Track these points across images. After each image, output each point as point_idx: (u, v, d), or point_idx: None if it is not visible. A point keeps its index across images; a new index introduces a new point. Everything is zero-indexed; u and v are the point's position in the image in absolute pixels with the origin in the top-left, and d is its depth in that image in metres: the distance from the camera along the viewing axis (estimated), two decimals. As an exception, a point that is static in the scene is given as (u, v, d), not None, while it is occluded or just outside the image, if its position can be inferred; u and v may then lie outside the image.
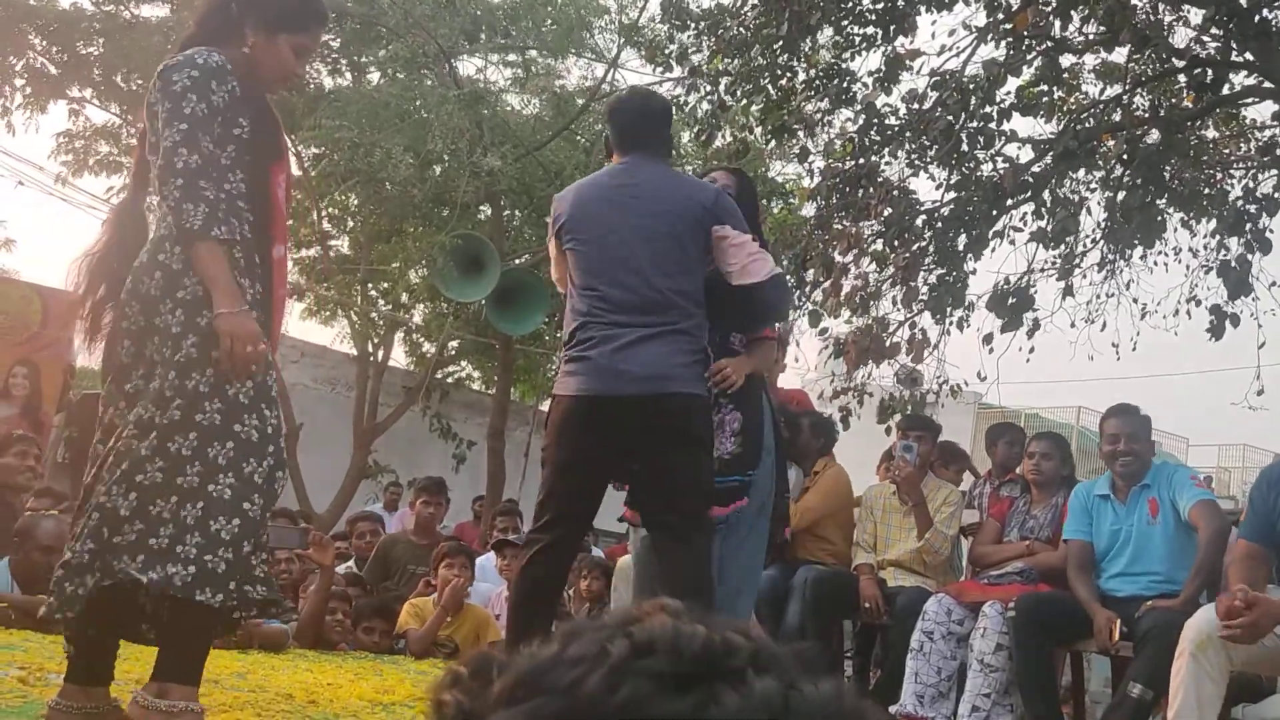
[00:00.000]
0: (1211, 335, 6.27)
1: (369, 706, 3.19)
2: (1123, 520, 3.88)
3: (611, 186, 3.08)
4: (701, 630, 0.57)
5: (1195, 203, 6.67)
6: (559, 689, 0.55)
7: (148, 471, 2.27)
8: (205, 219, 2.30)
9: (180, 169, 2.31)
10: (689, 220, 2.99)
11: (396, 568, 5.61)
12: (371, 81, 9.88)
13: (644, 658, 0.55)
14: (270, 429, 2.38)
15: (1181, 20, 6.39)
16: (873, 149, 6.34)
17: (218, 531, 2.26)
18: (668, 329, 2.94)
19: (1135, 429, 3.94)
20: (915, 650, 4.00)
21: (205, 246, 2.31)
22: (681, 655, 0.55)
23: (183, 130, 2.33)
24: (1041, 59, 6.16)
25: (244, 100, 2.42)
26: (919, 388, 6.88)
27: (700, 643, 0.56)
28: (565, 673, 0.56)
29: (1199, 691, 2.98)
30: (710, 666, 0.55)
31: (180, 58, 2.42)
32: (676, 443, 2.94)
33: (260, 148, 2.45)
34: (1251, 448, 17.07)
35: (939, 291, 6.61)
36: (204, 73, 2.37)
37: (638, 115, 3.16)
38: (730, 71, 6.40)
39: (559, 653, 0.57)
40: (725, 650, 0.56)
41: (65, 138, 9.83)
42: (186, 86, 2.35)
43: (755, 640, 0.58)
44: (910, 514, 4.52)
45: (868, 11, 6.28)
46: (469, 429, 11.92)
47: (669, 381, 2.90)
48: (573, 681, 0.55)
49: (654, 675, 0.55)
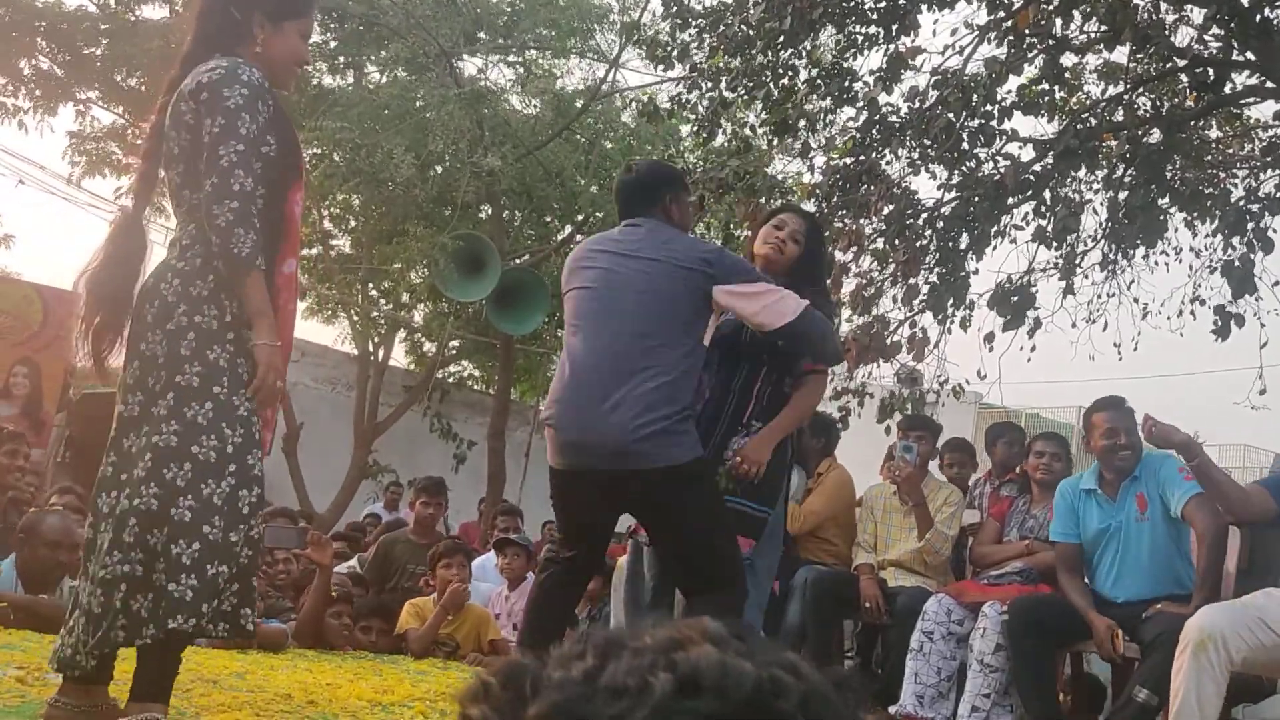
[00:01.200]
0: (1217, 336, 6.26)
1: (368, 706, 3.18)
2: (1111, 516, 3.83)
3: (612, 240, 3.15)
4: (749, 668, 0.54)
5: (1198, 202, 6.66)
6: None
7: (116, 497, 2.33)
8: (254, 247, 2.30)
9: (236, 191, 2.29)
10: (682, 275, 2.97)
11: (396, 567, 5.61)
12: (373, 82, 9.88)
13: (690, 697, 0.52)
14: (231, 448, 2.34)
15: (1184, 20, 6.37)
16: (874, 146, 6.32)
17: (178, 556, 2.26)
18: (639, 385, 2.86)
19: (1130, 422, 3.87)
20: (915, 650, 3.99)
21: (253, 277, 2.32)
22: (729, 697, 0.52)
23: (239, 151, 2.31)
24: (1043, 58, 6.15)
25: (274, 118, 2.41)
26: (919, 387, 6.88)
27: (750, 683, 0.53)
28: (606, 707, 0.53)
29: (1199, 691, 2.98)
30: (760, 711, 0.52)
31: (222, 70, 2.37)
32: (662, 514, 2.95)
33: (283, 167, 2.44)
34: (1252, 448, 17.05)
35: (939, 290, 6.60)
36: (253, 91, 2.35)
37: (637, 186, 3.19)
38: (731, 69, 6.39)
39: (596, 677, 0.54)
40: (775, 691, 0.53)
41: (77, 139, 9.84)
42: (240, 105, 2.33)
43: (805, 678, 0.55)
44: (911, 514, 4.51)
45: (870, 10, 6.27)
46: (469, 429, 11.91)
47: (629, 459, 2.84)
48: (615, 717, 0.52)
49: (702, 717, 0.52)
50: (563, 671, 0.56)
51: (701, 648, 0.55)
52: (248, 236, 2.29)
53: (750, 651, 0.56)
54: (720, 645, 0.55)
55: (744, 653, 0.56)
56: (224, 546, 2.31)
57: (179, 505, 2.27)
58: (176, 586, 2.25)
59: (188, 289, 2.35)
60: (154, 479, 2.28)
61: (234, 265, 2.31)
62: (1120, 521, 3.81)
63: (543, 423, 3.08)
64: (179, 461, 2.29)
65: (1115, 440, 3.83)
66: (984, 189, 6.17)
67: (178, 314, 2.34)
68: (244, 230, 2.28)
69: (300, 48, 2.50)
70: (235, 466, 2.34)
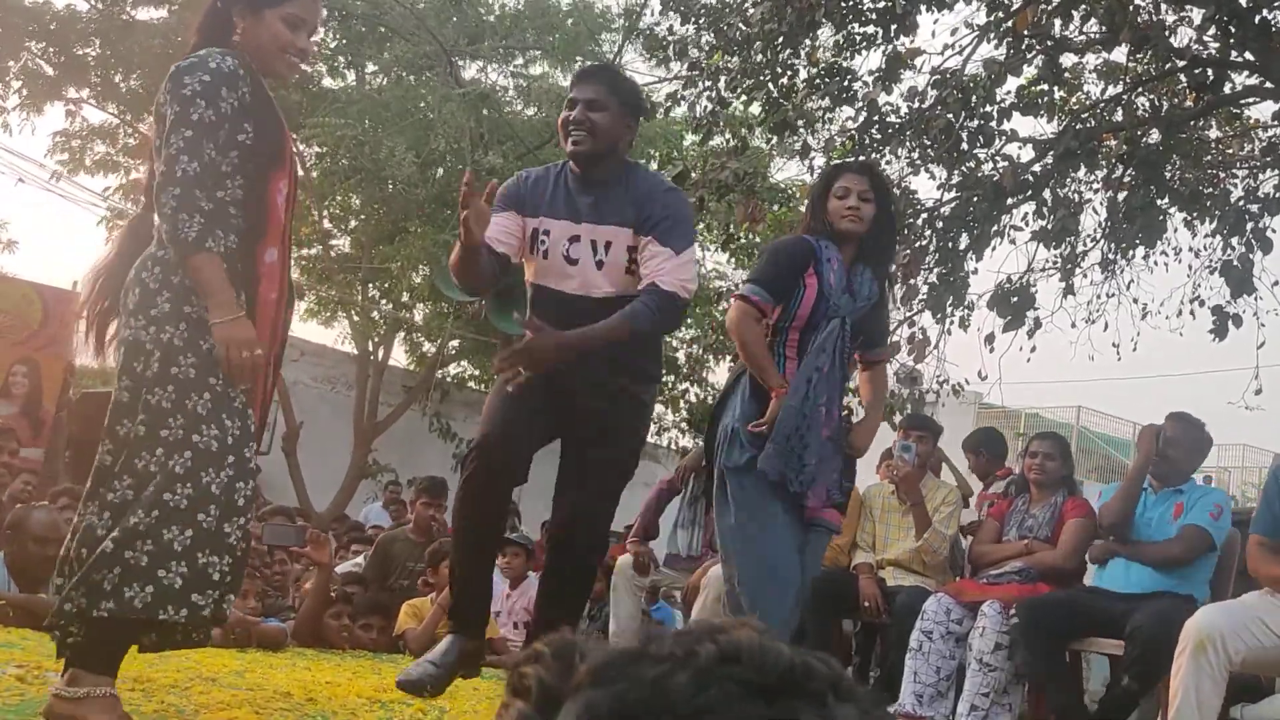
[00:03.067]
0: (1215, 335, 6.26)
1: (367, 704, 3.18)
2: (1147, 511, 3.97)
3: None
4: (786, 650, 0.59)
5: (1197, 203, 6.66)
6: (646, 680, 0.57)
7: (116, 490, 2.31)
8: (200, 230, 2.30)
9: (179, 177, 2.30)
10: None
11: (395, 565, 5.61)
12: (375, 82, 9.89)
13: (730, 665, 0.57)
14: (231, 439, 2.35)
15: (1185, 20, 6.38)
16: (873, 146, 6.33)
17: (170, 542, 2.26)
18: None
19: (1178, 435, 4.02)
20: (914, 649, 3.99)
21: (200, 257, 2.31)
22: (766, 668, 0.57)
23: (187, 137, 2.31)
24: (1042, 58, 6.15)
25: (253, 105, 2.40)
26: (918, 386, 6.88)
27: (786, 660, 0.58)
28: (653, 667, 0.58)
29: (1198, 691, 2.99)
30: (793, 684, 0.58)
31: (194, 59, 2.40)
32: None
33: (262, 154, 2.44)
34: (1251, 448, 17.05)
35: (939, 290, 6.61)
36: (215, 78, 2.35)
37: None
38: (730, 68, 6.40)
39: (645, 646, 0.59)
40: (807, 672, 0.58)
41: (62, 137, 9.84)
42: (196, 91, 2.33)
43: (835, 668, 0.60)
44: (909, 513, 4.51)
45: (869, 10, 6.27)
46: (469, 428, 11.90)
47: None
48: (660, 675, 0.57)
49: (740, 681, 0.57)
50: (612, 646, 0.61)
51: (743, 631, 0.60)
52: (193, 219, 2.28)
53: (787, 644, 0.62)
54: (760, 634, 0.61)
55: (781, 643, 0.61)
56: (217, 536, 2.31)
57: (176, 492, 2.27)
58: (166, 574, 2.25)
59: (169, 278, 2.35)
60: (159, 470, 2.28)
61: (180, 249, 2.31)
62: (1152, 519, 3.92)
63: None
64: (180, 451, 2.29)
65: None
66: (983, 189, 6.18)
67: (160, 301, 2.33)
68: (188, 215, 2.28)
69: (283, 35, 2.48)
70: (234, 458, 2.34)
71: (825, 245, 3.10)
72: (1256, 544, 3.23)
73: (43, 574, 3.95)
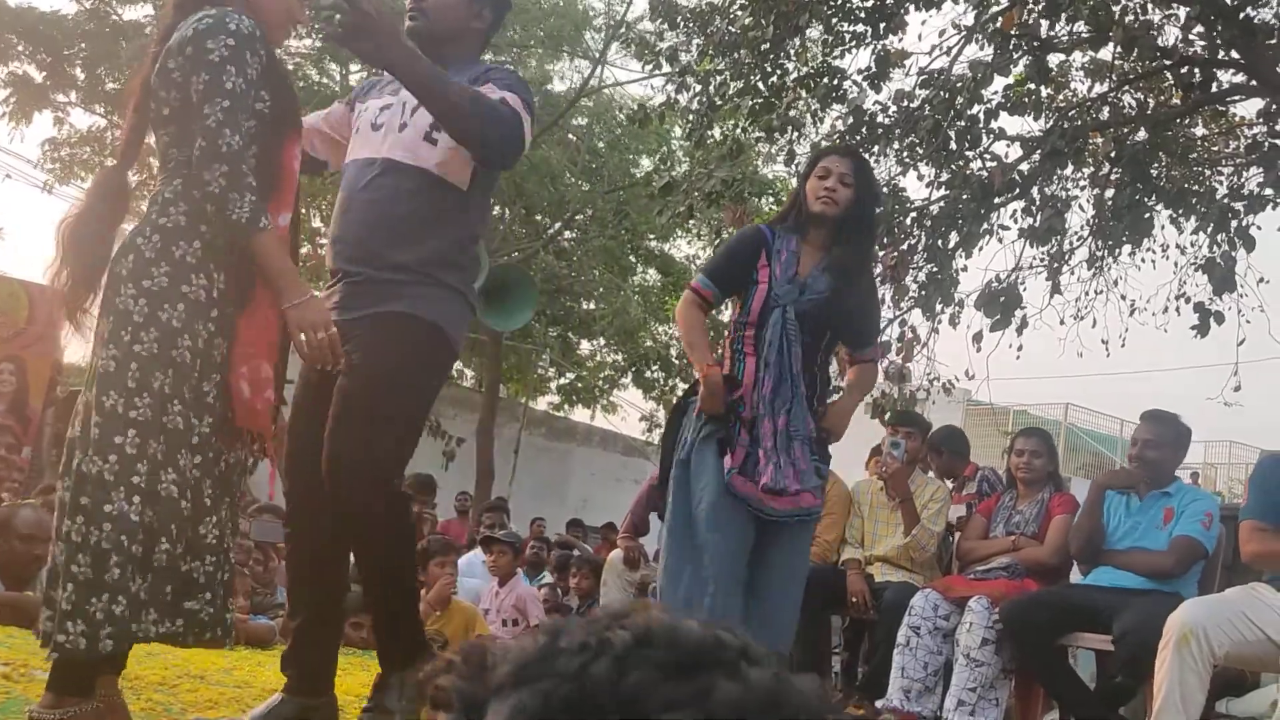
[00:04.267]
0: (1197, 332, 6.29)
1: (356, 701, 3.18)
2: (1134, 516, 3.94)
3: None
4: (695, 625, 0.61)
5: (1183, 200, 6.69)
6: (567, 674, 0.58)
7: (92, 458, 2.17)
8: (253, 209, 2.19)
9: (225, 153, 2.17)
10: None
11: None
12: (359, 78, 9.86)
13: (645, 648, 0.59)
14: (198, 438, 2.24)
15: (1172, 19, 6.41)
16: (862, 146, 6.35)
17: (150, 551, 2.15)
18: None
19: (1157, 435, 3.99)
20: (902, 645, 4.01)
21: (259, 239, 2.21)
22: (680, 647, 0.59)
23: (225, 109, 2.19)
24: (1029, 58, 6.17)
25: (267, 69, 2.29)
26: (907, 384, 6.90)
27: (696, 637, 0.60)
28: (571, 659, 0.59)
29: (1183, 685, 3.00)
30: (707, 658, 0.59)
31: (210, 20, 2.24)
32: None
33: (279, 120, 2.34)
34: (1238, 444, 17.16)
35: (928, 289, 6.63)
36: (239, 41, 2.22)
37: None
38: (720, 70, 6.41)
39: (556, 642, 0.60)
40: (717, 644, 0.60)
41: (51, 146, 9.78)
42: (225, 57, 2.20)
43: (741, 637, 0.62)
44: (898, 510, 4.53)
45: (857, 9, 6.29)
46: (458, 425, 11.90)
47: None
48: (580, 666, 0.58)
49: (657, 664, 0.58)
50: (524, 645, 0.62)
51: (650, 613, 0.62)
52: (244, 198, 2.18)
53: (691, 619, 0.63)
54: (665, 613, 0.62)
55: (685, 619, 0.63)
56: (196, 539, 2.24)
57: (164, 479, 2.20)
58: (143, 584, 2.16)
59: (169, 248, 2.22)
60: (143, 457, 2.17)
61: (234, 232, 2.21)
62: (1139, 523, 3.90)
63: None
64: (157, 437, 2.19)
65: (1134, 450, 3.99)
66: (971, 188, 6.20)
67: (157, 274, 2.21)
68: (238, 194, 2.18)
69: (294, 5, 2.44)
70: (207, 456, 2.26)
71: (781, 236, 3.10)
72: (1253, 529, 3.21)
73: (29, 572, 3.93)
